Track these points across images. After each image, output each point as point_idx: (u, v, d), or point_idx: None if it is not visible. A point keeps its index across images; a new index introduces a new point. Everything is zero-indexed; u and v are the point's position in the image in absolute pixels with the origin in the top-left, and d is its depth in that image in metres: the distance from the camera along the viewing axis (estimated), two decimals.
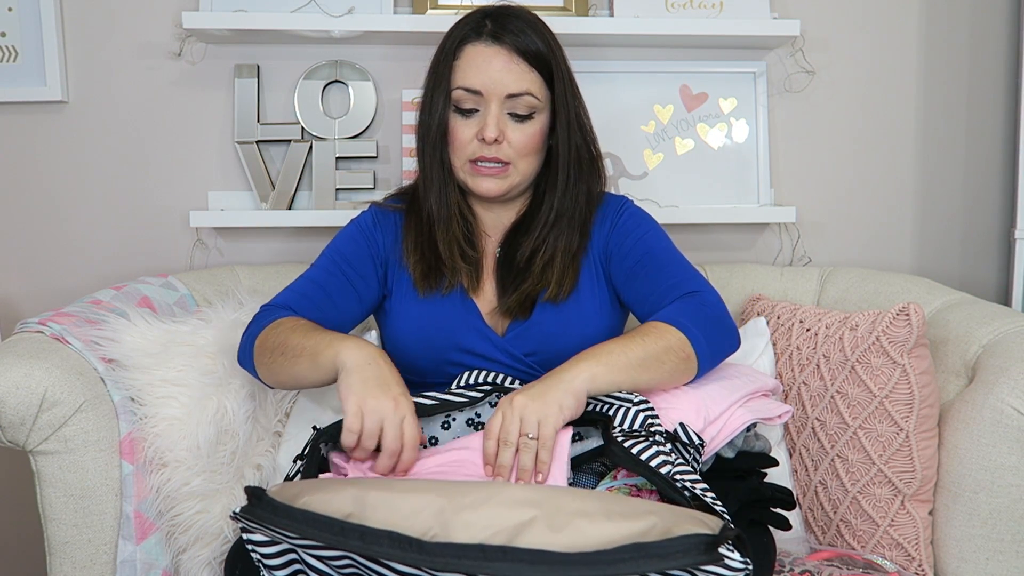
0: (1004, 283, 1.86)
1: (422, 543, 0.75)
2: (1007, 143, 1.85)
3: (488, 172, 1.23)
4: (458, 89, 1.22)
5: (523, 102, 1.21)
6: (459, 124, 1.23)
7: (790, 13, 1.75)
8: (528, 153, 1.24)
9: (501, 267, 1.28)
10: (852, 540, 1.31)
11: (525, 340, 1.24)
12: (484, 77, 1.20)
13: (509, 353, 1.24)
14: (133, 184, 1.75)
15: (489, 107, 1.21)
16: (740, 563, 0.77)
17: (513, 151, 1.23)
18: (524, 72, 1.21)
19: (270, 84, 1.74)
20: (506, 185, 1.25)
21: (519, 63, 1.21)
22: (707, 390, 1.14)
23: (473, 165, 1.24)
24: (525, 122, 1.23)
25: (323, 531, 0.78)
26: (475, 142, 1.22)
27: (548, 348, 1.23)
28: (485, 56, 1.21)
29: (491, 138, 1.20)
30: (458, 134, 1.23)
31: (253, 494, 0.84)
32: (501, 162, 1.23)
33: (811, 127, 1.82)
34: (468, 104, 1.22)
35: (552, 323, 1.24)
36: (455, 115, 1.23)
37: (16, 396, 1.11)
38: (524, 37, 1.21)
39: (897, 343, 1.26)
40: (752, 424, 1.15)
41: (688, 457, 1.04)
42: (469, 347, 1.24)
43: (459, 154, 1.24)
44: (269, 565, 0.89)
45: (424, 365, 1.25)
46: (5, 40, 1.69)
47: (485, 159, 1.22)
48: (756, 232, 1.85)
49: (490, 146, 1.22)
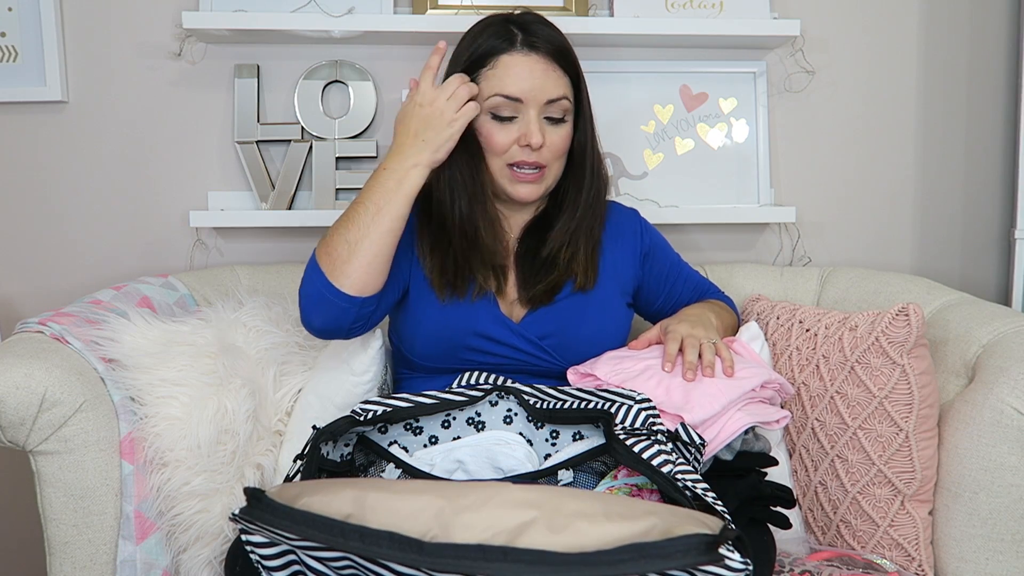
0: (1004, 283, 1.86)
1: (422, 544, 0.75)
2: (1007, 143, 1.85)
3: (526, 178, 1.27)
4: (496, 96, 1.24)
5: (559, 106, 1.26)
6: (497, 130, 1.25)
7: (790, 13, 1.75)
8: (561, 155, 1.29)
9: (524, 262, 1.31)
10: (852, 540, 1.31)
11: (541, 324, 1.28)
12: (525, 85, 1.23)
13: (524, 337, 1.27)
14: (133, 184, 1.75)
15: (529, 113, 1.24)
16: (740, 563, 0.77)
17: (550, 154, 1.27)
18: (560, 77, 1.26)
19: (270, 84, 1.74)
20: (542, 189, 1.29)
21: (555, 69, 1.25)
22: (706, 385, 1.15)
23: (512, 171, 1.27)
24: (559, 125, 1.27)
25: (323, 532, 0.78)
26: (515, 148, 1.25)
27: (564, 332, 1.28)
28: (525, 65, 1.24)
29: (538, 144, 1.24)
30: (497, 140, 1.25)
31: (252, 496, 0.84)
32: (539, 166, 1.26)
33: (811, 127, 1.82)
34: (507, 112, 1.25)
35: (571, 309, 1.29)
36: (492, 122, 1.25)
37: (16, 396, 1.11)
38: (553, 40, 1.26)
39: (897, 343, 1.26)
40: (751, 426, 1.15)
41: (689, 456, 1.04)
42: (485, 332, 1.26)
43: (498, 160, 1.27)
44: (268, 567, 0.89)
45: (438, 351, 1.28)
46: (5, 40, 1.69)
47: (526, 163, 1.26)
48: (756, 232, 1.85)
49: (533, 151, 1.25)
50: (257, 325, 1.38)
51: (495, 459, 1.09)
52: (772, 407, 1.21)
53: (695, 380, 1.17)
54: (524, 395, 1.14)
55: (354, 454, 1.12)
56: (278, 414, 1.34)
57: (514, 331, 1.27)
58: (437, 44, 1.26)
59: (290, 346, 1.39)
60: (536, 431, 1.14)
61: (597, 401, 1.12)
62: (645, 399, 1.11)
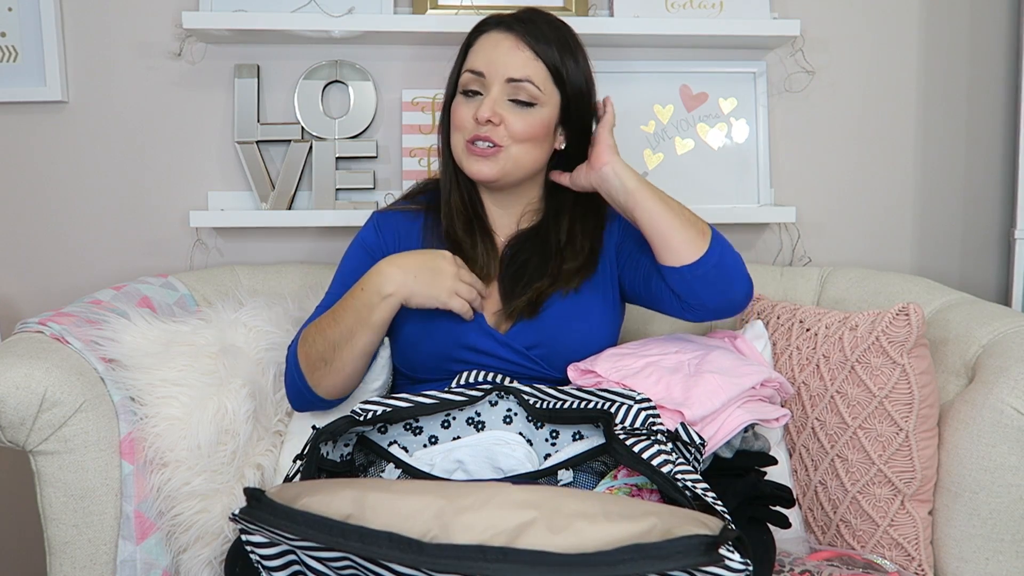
0: (1004, 283, 1.86)
1: (422, 544, 0.75)
2: (1007, 143, 1.85)
3: (480, 152, 1.24)
4: (466, 72, 1.25)
5: (524, 89, 1.22)
6: (461, 105, 1.25)
7: (790, 13, 1.75)
8: (524, 140, 1.24)
9: (506, 275, 1.29)
10: (852, 540, 1.31)
11: (528, 335, 1.26)
12: (487, 58, 1.23)
13: (511, 348, 1.25)
14: (133, 184, 1.75)
15: (490, 90, 1.23)
16: (740, 564, 0.77)
17: (509, 136, 1.24)
18: (528, 59, 1.23)
19: (270, 84, 1.74)
20: (496, 169, 1.25)
21: (524, 50, 1.23)
22: (707, 380, 1.15)
23: (468, 145, 1.25)
24: (526, 109, 1.23)
25: (322, 532, 0.78)
26: (471, 122, 1.24)
27: (552, 342, 1.26)
28: (493, 41, 1.24)
29: (483, 118, 1.22)
30: (459, 113, 1.25)
31: (252, 496, 0.84)
32: (493, 143, 1.23)
33: (811, 127, 1.82)
34: (473, 86, 1.24)
35: (556, 318, 1.26)
36: (460, 97, 1.26)
37: (16, 396, 1.11)
38: (537, 30, 1.24)
39: (897, 343, 1.26)
40: (750, 424, 1.15)
41: (689, 456, 1.04)
42: (472, 344, 1.25)
43: (457, 135, 1.26)
44: (268, 567, 0.89)
45: (426, 362, 1.27)
46: (5, 40, 1.69)
47: (479, 137, 1.23)
48: (756, 232, 1.85)
49: (483, 126, 1.23)
50: (257, 325, 1.38)
51: (495, 459, 1.09)
52: (772, 406, 1.21)
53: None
54: (524, 395, 1.14)
55: (354, 454, 1.12)
56: (278, 414, 1.34)
57: (501, 342, 1.25)
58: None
59: None
60: (536, 431, 1.14)
61: (597, 401, 1.12)
62: (645, 399, 1.11)
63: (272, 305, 1.44)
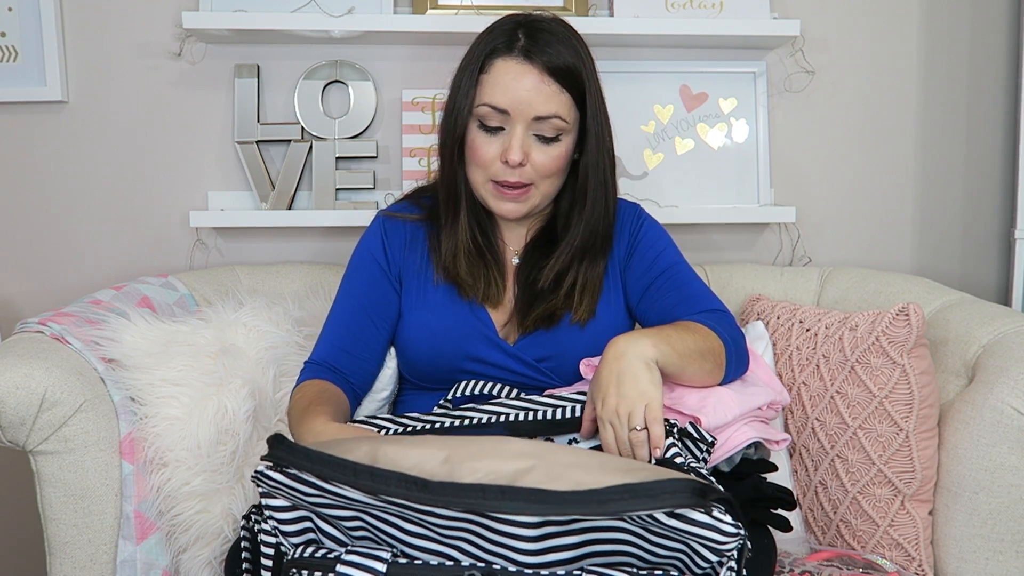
0: (1004, 283, 1.86)
1: (427, 482, 0.78)
2: (1007, 143, 1.85)
3: (510, 195, 1.20)
4: (484, 106, 1.17)
5: (550, 125, 1.17)
6: (483, 141, 1.19)
7: (790, 13, 1.75)
8: (551, 175, 1.20)
9: (521, 288, 1.27)
10: (852, 540, 1.31)
11: (538, 348, 1.24)
12: (512, 96, 1.15)
13: (520, 359, 1.24)
14: (133, 184, 1.75)
15: (515, 128, 1.17)
16: (732, 526, 0.77)
17: (535, 172, 1.19)
18: (554, 94, 1.16)
19: (270, 84, 1.74)
20: (527, 207, 1.22)
21: (550, 84, 1.16)
22: (721, 393, 1.14)
23: (495, 186, 1.20)
24: (551, 144, 1.18)
25: (337, 471, 0.81)
26: (498, 163, 1.18)
27: (563, 356, 1.24)
28: (515, 74, 1.16)
29: (515, 162, 1.16)
30: (481, 152, 1.19)
31: (274, 439, 0.86)
32: (523, 184, 1.20)
33: (811, 127, 1.82)
34: (494, 122, 1.18)
35: (568, 335, 1.24)
36: (479, 131, 1.19)
37: (16, 396, 1.11)
38: (556, 55, 1.16)
39: (897, 343, 1.26)
40: (754, 443, 1.15)
41: (698, 454, 1.04)
42: (480, 356, 1.24)
43: (481, 172, 1.21)
44: (285, 531, 0.90)
45: (434, 372, 1.26)
46: (5, 40, 1.69)
47: (508, 183, 1.19)
48: (756, 232, 1.85)
49: (513, 169, 1.18)
50: (257, 325, 1.38)
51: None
52: (774, 429, 1.21)
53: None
54: (513, 416, 1.11)
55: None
56: (278, 414, 1.34)
57: (509, 354, 1.23)
58: None
59: (290, 346, 1.39)
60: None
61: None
62: None
63: (272, 305, 1.44)
